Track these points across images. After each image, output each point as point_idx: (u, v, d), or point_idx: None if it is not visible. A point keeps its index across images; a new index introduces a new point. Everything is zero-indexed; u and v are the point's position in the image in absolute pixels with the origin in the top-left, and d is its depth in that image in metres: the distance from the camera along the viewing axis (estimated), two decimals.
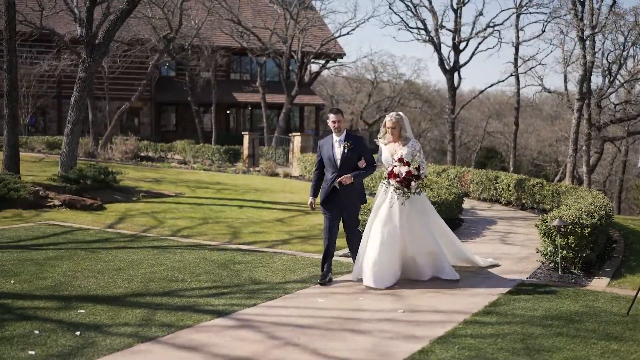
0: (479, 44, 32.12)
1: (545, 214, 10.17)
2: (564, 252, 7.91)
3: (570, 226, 7.82)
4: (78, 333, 5.44)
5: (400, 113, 7.53)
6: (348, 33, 36.59)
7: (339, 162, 7.42)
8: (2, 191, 12.67)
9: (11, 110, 14.96)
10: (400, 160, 7.24)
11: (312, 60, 36.76)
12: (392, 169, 7.23)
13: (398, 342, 5.36)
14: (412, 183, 7.15)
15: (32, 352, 4.97)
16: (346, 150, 7.42)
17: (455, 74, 31.74)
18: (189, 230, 11.02)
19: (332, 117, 7.50)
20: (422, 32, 31.63)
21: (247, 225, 11.64)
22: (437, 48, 31.16)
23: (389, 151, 7.50)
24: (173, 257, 8.67)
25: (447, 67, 31.39)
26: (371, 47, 73.38)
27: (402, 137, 7.48)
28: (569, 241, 7.84)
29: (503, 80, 32.19)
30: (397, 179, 7.17)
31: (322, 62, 39.82)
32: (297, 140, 25.36)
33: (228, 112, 41.94)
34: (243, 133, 28.71)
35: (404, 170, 7.15)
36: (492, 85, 33.19)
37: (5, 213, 12.27)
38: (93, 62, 15.89)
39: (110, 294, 6.76)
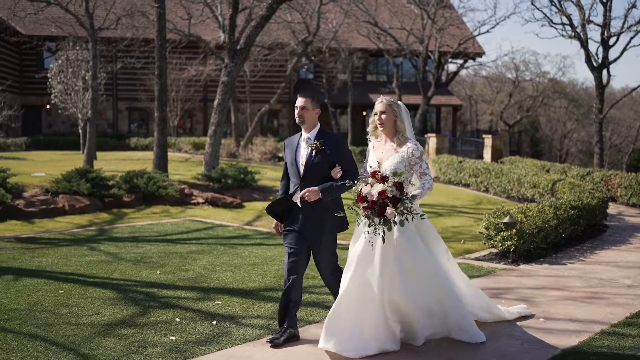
0: (632, 38, 29.93)
1: None
2: None
3: None
4: (214, 322, 5.77)
5: (399, 102, 5.34)
6: (487, 31, 35.61)
7: (302, 168, 5.26)
8: (152, 188, 13.65)
9: (161, 113, 16.06)
10: (374, 174, 4.98)
11: (450, 60, 36.15)
12: (361, 189, 4.97)
13: (528, 348, 5.18)
14: (388, 209, 4.82)
15: (173, 338, 5.34)
16: (314, 152, 5.22)
17: (604, 71, 29.92)
18: None
19: (297, 101, 5.29)
20: (568, 27, 30.08)
21: None
22: (584, 44, 29.54)
23: (378, 155, 5.30)
24: None
25: (594, 64, 29.66)
26: (512, 45, 70.94)
27: (398, 134, 5.25)
28: None
29: None
30: (365, 204, 4.91)
31: (460, 61, 39.05)
32: (432, 141, 25.09)
33: (364, 113, 42.26)
34: None
35: (375, 190, 4.89)
36: None
37: (155, 209, 13.21)
38: (235, 66, 16.67)
39: (245, 287, 7.09)
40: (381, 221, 4.86)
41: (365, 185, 4.96)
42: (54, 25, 27.32)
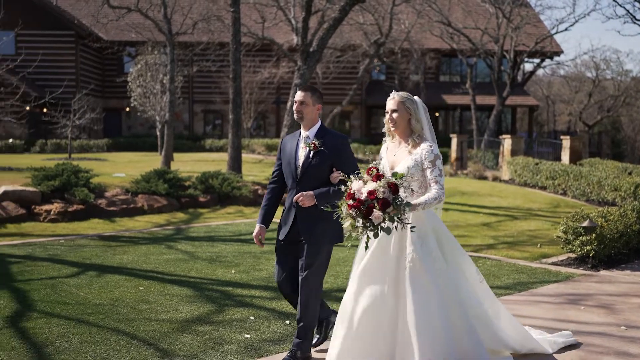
0: None
1: None
2: None
3: None
4: (287, 322, 5.85)
5: (415, 98, 4.63)
6: (566, 29, 34.69)
7: (299, 170, 4.79)
8: (226, 189, 13.95)
9: (235, 115, 16.39)
10: (369, 170, 4.32)
11: (526, 59, 35.33)
12: (351, 185, 4.33)
13: (608, 357, 5.02)
14: (375, 212, 4.15)
15: (248, 336, 5.45)
16: (312, 152, 4.75)
17: None
18: None
19: (296, 95, 4.82)
20: None
21: (452, 228, 11.55)
22: None
23: (390, 159, 4.64)
24: None
25: None
26: (592, 42, 68.60)
27: (414, 135, 4.55)
28: None
29: None
30: (351, 202, 4.24)
31: (537, 60, 38.08)
32: (507, 142, 24.54)
33: (437, 114, 41.83)
34: (451, 135, 28.50)
35: (366, 189, 4.23)
36: None
37: (229, 209, 13.49)
38: (307, 68, 16.83)
39: None
40: (366, 224, 4.22)
41: (359, 180, 4.31)
42: (134, 30, 28.34)
